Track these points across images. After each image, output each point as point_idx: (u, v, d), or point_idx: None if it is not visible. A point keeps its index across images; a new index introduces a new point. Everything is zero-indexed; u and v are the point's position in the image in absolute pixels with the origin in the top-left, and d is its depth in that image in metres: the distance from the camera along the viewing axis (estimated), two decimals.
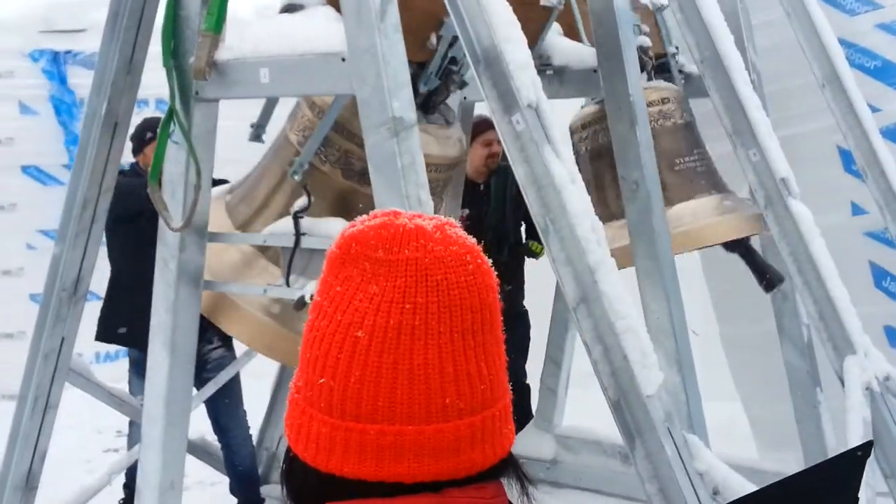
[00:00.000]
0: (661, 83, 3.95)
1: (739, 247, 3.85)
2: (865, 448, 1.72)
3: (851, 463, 1.60)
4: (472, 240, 0.97)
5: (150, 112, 6.36)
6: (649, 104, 3.78)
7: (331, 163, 3.17)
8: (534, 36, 3.48)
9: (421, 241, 0.92)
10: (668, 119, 3.86)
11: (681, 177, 3.78)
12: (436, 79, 3.15)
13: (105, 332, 4.41)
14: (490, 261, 0.97)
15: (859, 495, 1.44)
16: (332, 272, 0.95)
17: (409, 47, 2.72)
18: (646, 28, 3.82)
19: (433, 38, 3.12)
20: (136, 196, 3.67)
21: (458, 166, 3.56)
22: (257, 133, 3.64)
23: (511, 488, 0.96)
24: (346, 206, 3.17)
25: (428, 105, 3.30)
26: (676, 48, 3.93)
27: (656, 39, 4.00)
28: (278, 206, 3.26)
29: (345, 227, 0.98)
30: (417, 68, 3.19)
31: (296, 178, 3.07)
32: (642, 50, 3.80)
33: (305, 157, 3.11)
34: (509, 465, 0.97)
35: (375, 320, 0.90)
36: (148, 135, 4.33)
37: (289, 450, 0.95)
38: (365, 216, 0.98)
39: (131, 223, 4.07)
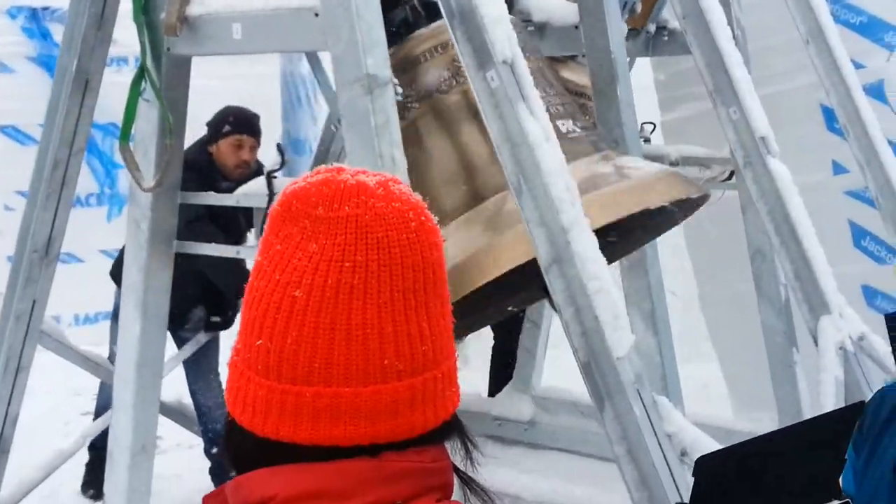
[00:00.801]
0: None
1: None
2: (856, 409, 1.72)
3: (841, 423, 1.60)
4: (416, 196, 0.94)
5: (129, 70, 6.27)
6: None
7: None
8: None
9: (362, 197, 0.90)
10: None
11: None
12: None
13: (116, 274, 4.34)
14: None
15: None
16: (273, 230, 0.93)
17: None
18: None
19: None
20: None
21: None
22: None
23: (455, 452, 0.95)
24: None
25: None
26: None
27: None
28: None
29: (288, 184, 0.95)
30: None
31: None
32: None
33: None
34: (453, 429, 0.95)
35: (314, 279, 0.88)
36: (225, 128, 4.21)
37: (227, 414, 0.94)
38: (308, 172, 0.96)
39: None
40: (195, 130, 3.42)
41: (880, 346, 3.19)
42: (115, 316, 4.39)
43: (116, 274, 4.35)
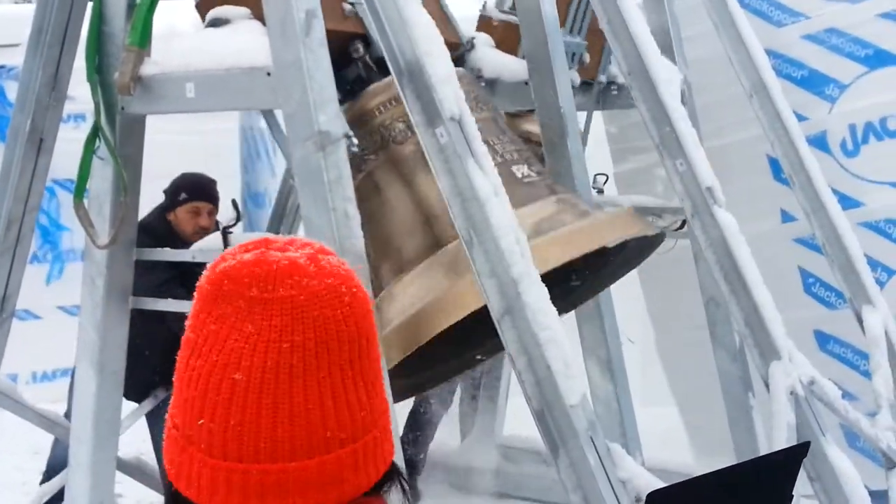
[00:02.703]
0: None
1: None
2: (802, 448, 1.75)
3: (787, 461, 1.63)
4: (346, 267, 0.96)
5: (87, 127, 6.26)
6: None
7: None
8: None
9: (295, 277, 0.91)
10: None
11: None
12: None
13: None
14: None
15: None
16: (205, 308, 0.93)
17: (333, 22, 2.69)
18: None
19: (346, 6, 3.12)
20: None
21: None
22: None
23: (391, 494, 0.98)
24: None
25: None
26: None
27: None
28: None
29: (215, 261, 0.95)
30: (365, 44, 3.17)
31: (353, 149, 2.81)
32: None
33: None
34: (393, 475, 0.98)
35: (252, 361, 0.89)
36: (182, 196, 4.21)
37: (170, 484, 0.95)
38: (235, 247, 0.96)
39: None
40: (152, 184, 3.43)
41: (830, 390, 3.25)
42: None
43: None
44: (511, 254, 2.47)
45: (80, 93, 3.32)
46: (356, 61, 3.22)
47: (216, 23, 3.13)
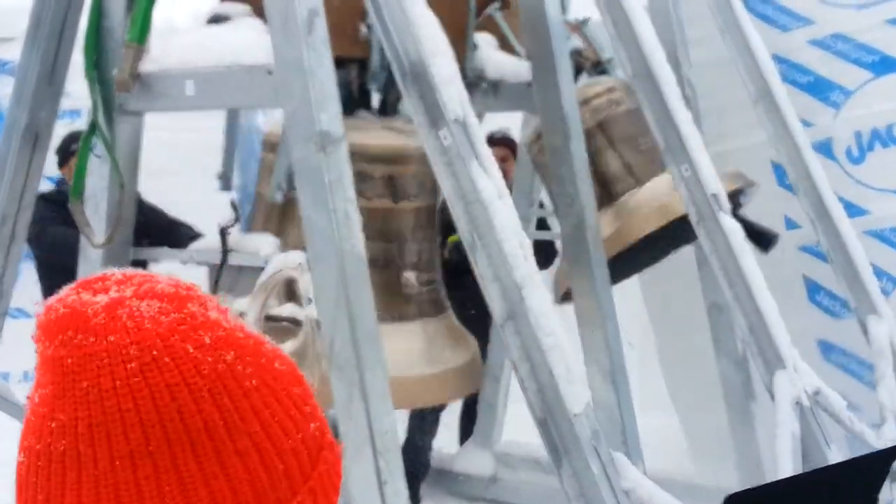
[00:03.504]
0: (603, 77, 3.97)
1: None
2: (891, 452, 1.70)
3: (877, 465, 1.58)
4: (173, 316, 0.70)
5: (82, 123, 6.22)
6: (597, 95, 3.80)
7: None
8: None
9: (69, 332, 0.69)
10: (620, 104, 3.87)
11: (647, 155, 3.77)
12: (382, 71, 3.11)
13: None
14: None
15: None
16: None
17: (342, 43, 2.68)
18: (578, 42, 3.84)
19: (363, 29, 3.08)
20: (68, 249, 3.43)
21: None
22: (226, 183, 3.57)
23: None
24: None
25: (386, 106, 3.25)
26: (611, 58, 3.95)
27: (590, 52, 4.01)
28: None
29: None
30: (360, 68, 3.15)
31: (277, 198, 2.94)
32: (577, 52, 3.82)
33: (277, 178, 2.99)
34: None
35: (28, 440, 0.71)
36: (73, 146, 4.22)
37: None
38: (82, 280, 0.75)
39: (66, 273, 3.91)
40: (145, 182, 3.39)
41: (836, 401, 3.21)
42: None
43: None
44: (514, 257, 2.43)
45: (75, 89, 3.28)
46: (346, 85, 3.15)
47: (217, 20, 3.08)
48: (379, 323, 2.50)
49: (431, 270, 3.12)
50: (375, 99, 3.29)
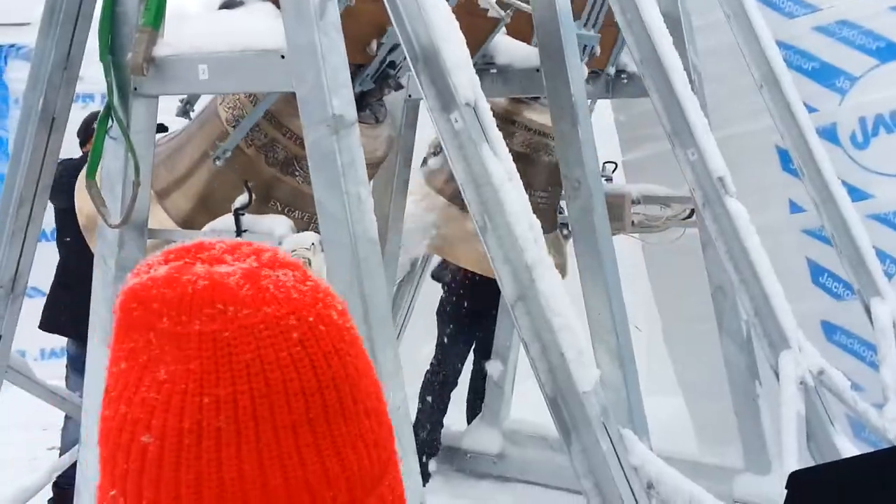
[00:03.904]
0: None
1: None
2: None
3: None
4: (310, 286, 0.70)
5: (96, 107, 6.27)
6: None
7: (255, 147, 3.19)
8: (478, 44, 3.51)
9: (218, 305, 0.66)
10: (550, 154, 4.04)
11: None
12: (370, 81, 3.17)
13: (48, 321, 4.38)
14: None
15: None
16: (116, 339, 0.70)
17: (349, 51, 2.72)
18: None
19: (373, 45, 3.13)
20: None
21: (383, 163, 3.59)
22: (185, 109, 3.66)
23: None
24: (267, 193, 3.19)
25: (361, 103, 3.30)
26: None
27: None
28: (200, 181, 3.27)
29: (132, 272, 0.73)
30: (355, 69, 3.20)
31: (217, 163, 3.08)
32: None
33: (230, 144, 3.11)
34: None
35: (166, 420, 0.66)
36: (93, 126, 4.29)
37: None
38: (158, 254, 0.73)
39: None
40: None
41: (840, 381, 3.26)
42: (72, 366, 4.37)
43: (52, 321, 4.38)
44: (525, 240, 2.48)
45: (89, 73, 3.32)
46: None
47: (230, 4, 3.12)
48: None
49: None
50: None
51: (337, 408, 0.69)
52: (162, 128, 3.51)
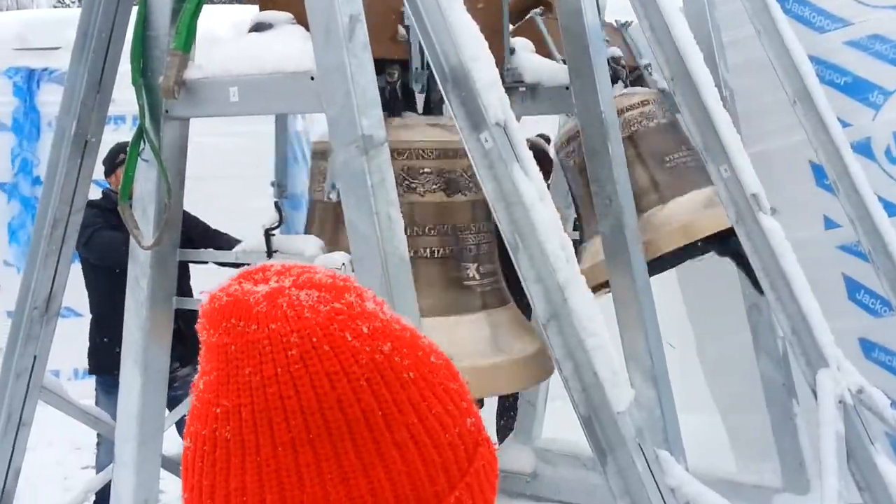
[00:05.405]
0: (639, 88, 4.01)
1: (730, 251, 3.83)
2: None
3: None
4: (332, 305, 0.71)
5: (127, 129, 6.34)
6: (630, 108, 3.86)
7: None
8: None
9: (233, 319, 0.70)
10: (652, 119, 3.91)
11: (672, 173, 3.83)
12: (424, 71, 3.15)
13: (97, 367, 4.48)
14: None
15: None
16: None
17: (380, 45, 2.72)
18: (615, 49, 3.87)
19: (401, 30, 3.12)
20: (117, 252, 3.67)
21: None
22: (280, 191, 3.73)
23: None
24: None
25: (429, 106, 3.28)
26: (649, 63, 3.98)
27: (628, 56, 4.03)
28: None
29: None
30: (401, 70, 3.20)
31: (332, 197, 2.96)
32: (615, 60, 3.84)
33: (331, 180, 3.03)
34: None
35: (195, 428, 0.72)
36: (120, 157, 4.34)
37: None
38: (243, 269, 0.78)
39: (112, 273, 4.06)
40: (190, 187, 3.47)
41: (879, 399, 3.20)
42: (101, 387, 4.44)
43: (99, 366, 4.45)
44: (556, 259, 2.46)
45: (119, 96, 3.36)
46: (386, 86, 3.19)
47: (259, 27, 3.14)
48: (444, 316, 2.53)
49: (492, 262, 3.11)
50: (419, 99, 3.32)
51: (343, 431, 0.68)
52: None
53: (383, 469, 0.68)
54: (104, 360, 4.39)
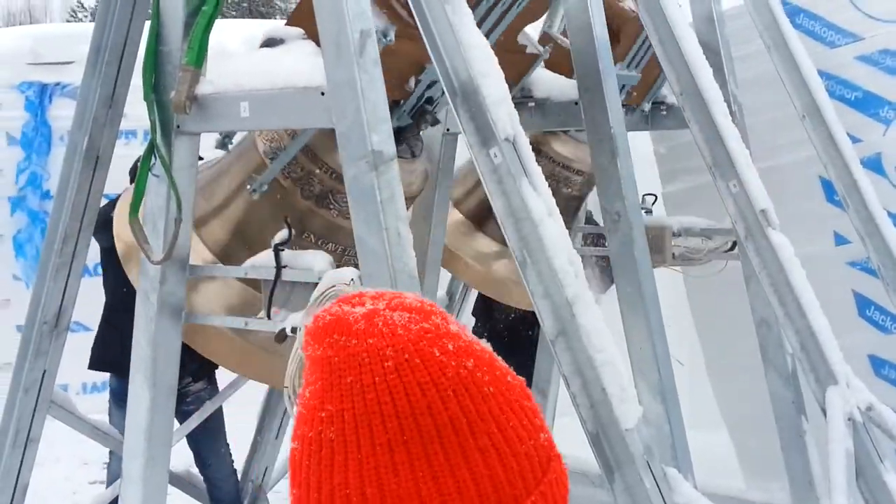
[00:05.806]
0: None
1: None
2: None
3: None
4: (422, 325, 0.81)
5: (138, 143, 6.38)
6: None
7: (292, 179, 3.20)
8: (517, 78, 3.52)
9: (335, 335, 0.81)
10: None
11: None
12: (408, 117, 3.19)
13: (97, 360, 4.42)
14: None
15: None
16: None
17: (388, 87, 2.74)
18: None
19: (412, 82, 3.16)
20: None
21: (420, 198, 3.60)
22: (224, 142, 3.70)
23: None
24: (301, 225, 3.21)
25: (398, 138, 3.31)
26: None
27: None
28: (237, 211, 3.28)
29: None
30: (392, 104, 3.22)
31: (254, 196, 3.10)
32: None
33: (267, 177, 3.13)
34: None
35: (303, 430, 0.82)
36: None
37: None
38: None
39: None
40: None
41: (889, 417, 3.18)
42: (114, 400, 4.40)
43: (99, 359, 4.42)
44: (565, 274, 2.46)
45: (130, 110, 3.38)
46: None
47: (270, 43, 3.16)
48: None
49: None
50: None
51: (433, 434, 0.77)
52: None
53: (468, 470, 0.77)
54: (104, 354, 4.34)
